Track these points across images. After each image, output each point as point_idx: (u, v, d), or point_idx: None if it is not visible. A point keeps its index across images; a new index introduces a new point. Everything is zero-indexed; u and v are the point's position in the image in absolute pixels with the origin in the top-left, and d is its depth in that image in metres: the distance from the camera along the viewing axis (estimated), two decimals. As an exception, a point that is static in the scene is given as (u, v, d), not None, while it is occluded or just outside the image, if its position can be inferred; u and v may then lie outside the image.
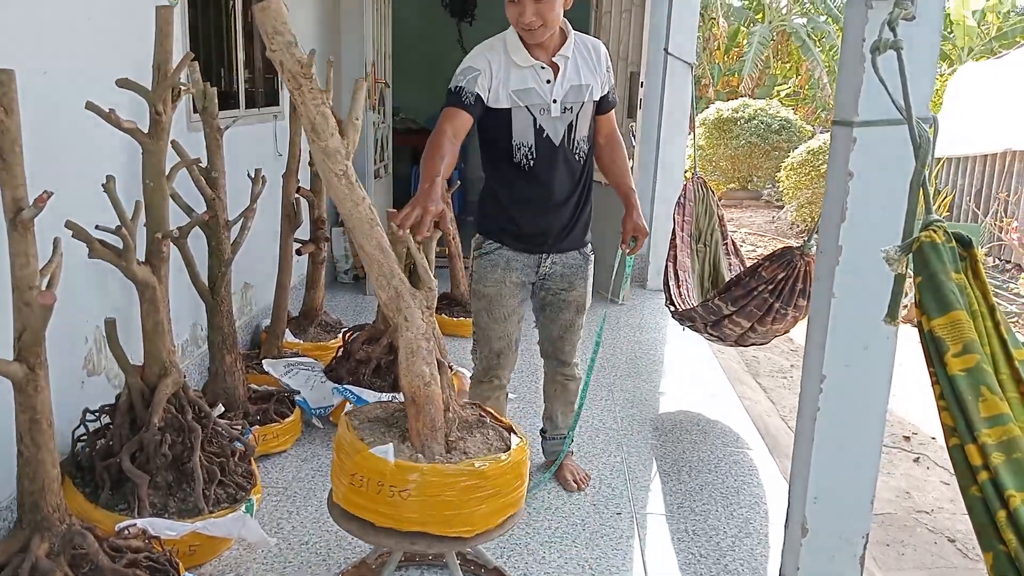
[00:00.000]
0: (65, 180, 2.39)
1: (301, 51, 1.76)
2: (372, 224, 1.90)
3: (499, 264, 2.63)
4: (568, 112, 2.51)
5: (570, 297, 2.72)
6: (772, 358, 4.97)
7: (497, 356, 2.71)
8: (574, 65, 2.51)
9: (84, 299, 2.61)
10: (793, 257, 3.01)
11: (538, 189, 2.55)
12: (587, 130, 2.58)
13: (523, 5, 2.34)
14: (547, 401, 2.99)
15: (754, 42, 14.55)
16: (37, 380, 1.86)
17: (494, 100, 2.46)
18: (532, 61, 2.46)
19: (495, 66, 2.44)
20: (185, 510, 2.36)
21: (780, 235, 9.65)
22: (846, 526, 2.19)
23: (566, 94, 2.50)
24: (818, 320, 2.11)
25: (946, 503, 3.23)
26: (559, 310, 2.74)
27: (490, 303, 2.67)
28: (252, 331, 4.11)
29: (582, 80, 2.51)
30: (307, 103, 1.80)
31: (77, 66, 2.50)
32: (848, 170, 2.00)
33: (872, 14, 1.92)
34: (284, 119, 4.40)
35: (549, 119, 2.50)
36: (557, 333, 2.79)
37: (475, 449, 2.03)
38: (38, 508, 1.92)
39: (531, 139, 2.50)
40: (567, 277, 2.69)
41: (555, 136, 2.51)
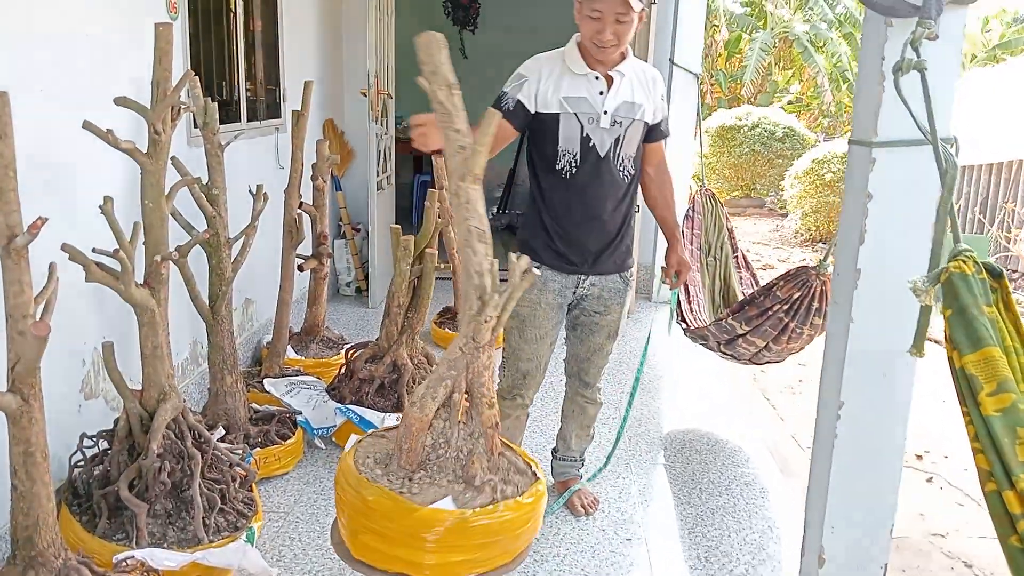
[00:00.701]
0: (61, 200, 2.35)
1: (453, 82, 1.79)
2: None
3: (535, 284, 2.57)
4: (617, 126, 2.49)
5: (604, 321, 2.68)
6: (780, 373, 4.90)
7: (524, 376, 2.68)
8: (628, 83, 2.50)
9: (81, 321, 2.56)
10: (809, 277, 2.96)
11: (579, 199, 2.52)
12: (634, 151, 2.56)
13: (604, 23, 2.34)
14: (563, 420, 2.93)
15: (755, 48, 14.51)
16: (32, 412, 1.80)
17: (543, 105, 2.45)
18: (587, 70, 2.46)
19: (546, 72, 2.46)
20: (184, 539, 2.30)
21: (785, 243, 9.59)
22: (864, 556, 2.13)
23: (617, 107, 2.48)
24: (835, 345, 2.05)
25: (962, 525, 3.17)
26: (591, 332, 2.70)
27: (523, 323, 2.62)
28: (253, 347, 4.05)
29: (635, 98, 2.50)
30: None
31: (74, 83, 2.45)
32: (867, 191, 1.94)
33: (891, 32, 1.86)
34: (286, 132, 4.35)
35: (597, 129, 2.47)
36: (585, 355, 2.75)
37: (515, 479, 1.97)
38: (32, 543, 1.86)
39: (576, 147, 2.48)
40: (604, 300, 2.65)
41: (601, 147, 2.49)
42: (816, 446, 2.14)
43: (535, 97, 2.45)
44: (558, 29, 3.72)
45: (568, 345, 2.81)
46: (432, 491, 1.86)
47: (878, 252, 1.94)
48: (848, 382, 2.01)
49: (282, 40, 4.35)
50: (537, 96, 2.45)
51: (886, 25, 1.86)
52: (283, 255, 3.61)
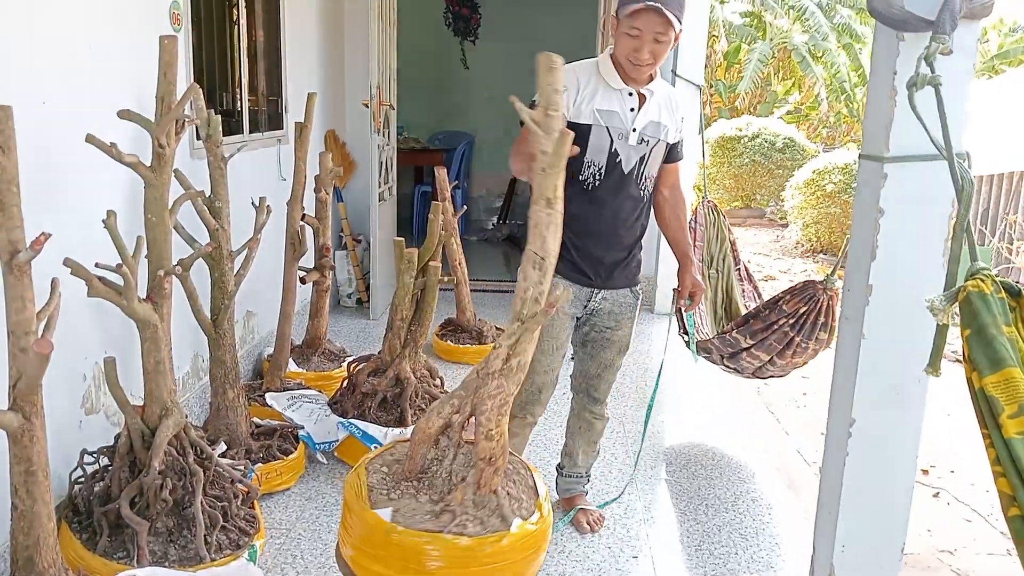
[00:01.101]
0: (64, 214, 2.32)
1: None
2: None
3: (551, 290, 2.55)
4: (644, 144, 2.49)
5: (615, 336, 2.65)
6: (783, 387, 4.87)
7: (539, 391, 2.63)
8: (656, 103, 2.50)
9: (83, 336, 2.53)
10: (816, 292, 2.94)
11: (599, 213, 2.51)
12: (655, 171, 2.57)
13: (642, 42, 2.33)
14: (569, 437, 2.88)
15: (754, 59, 14.53)
16: (33, 430, 1.78)
17: (575, 115, 2.43)
18: (623, 85, 2.45)
19: (583, 82, 2.44)
20: (186, 558, 2.27)
21: (786, 254, 9.57)
22: (875, 573, 2.11)
23: (646, 126, 2.48)
24: (846, 361, 2.03)
25: (969, 542, 3.14)
26: (601, 348, 2.67)
27: (541, 333, 2.56)
28: (254, 360, 4.02)
29: (661, 119, 2.51)
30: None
31: (77, 95, 2.43)
32: (878, 207, 1.92)
33: (903, 46, 1.84)
34: (288, 143, 4.33)
35: (625, 145, 2.47)
36: (595, 371, 2.72)
37: (523, 494, 1.96)
38: (33, 564, 1.83)
39: (603, 161, 2.47)
40: (615, 315, 2.63)
41: (627, 164, 2.49)
42: (826, 462, 2.12)
43: (570, 107, 2.43)
44: (558, 40, 3.71)
45: (577, 361, 2.77)
46: (405, 502, 1.85)
47: (890, 268, 1.93)
48: (859, 398, 1.99)
49: (284, 51, 4.34)
50: (572, 106, 2.44)
51: (898, 39, 1.85)
52: (285, 267, 3.58)
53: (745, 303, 3.95)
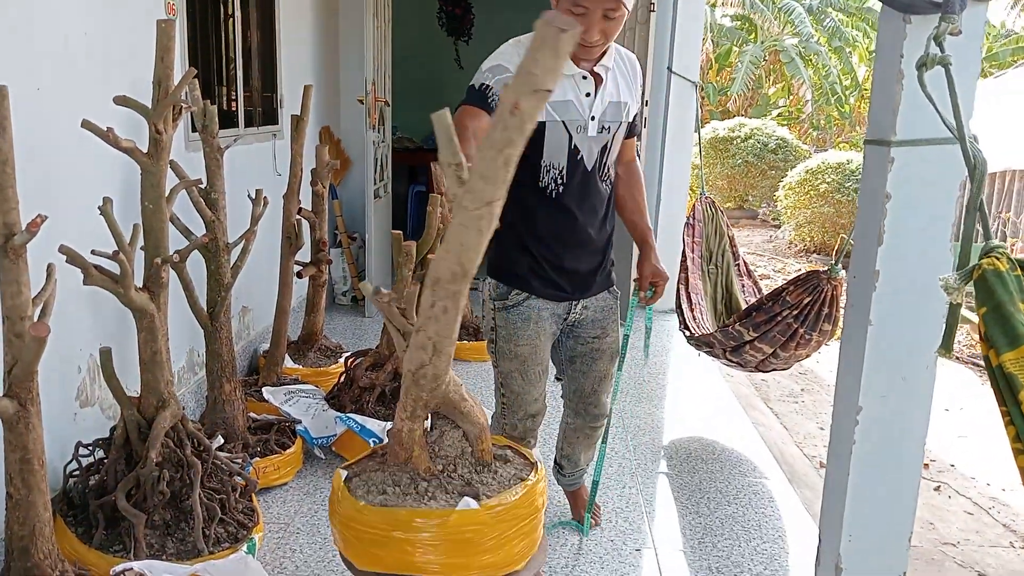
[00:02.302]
0: (58, 202, 2.29)
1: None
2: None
3: (531, 317, 2.27)
4: (605, 132, 2.18)
5: (603, 345, 2.40)
6: (781, 381, 4.87)
7: (532, 418, 2.38)
8: (614, 79, 2.18)
9: (77, 326, 2.49)
10: (819, 282, 2.92)
11: (566, 220, 2.21)
12: (615, 156, 2.28)
13: (591, 20, 2.00)
14: (567, 444, 2.64)
15: (745, 61, 14.58)
16: (28, 417, 1.74)
17: None
18: (575, 69, 2.11)
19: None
20: (184, 551, 2.23)
21: (779, 254, 9.58)
22: (883, 564, 2.09)
23: (605, 111, 2.16)
24: (853, 349, 2.01)
25: (972, 534, 3.12)
26: (592, 360, 2.41)
27: (524, 364, 2.30)
28: (250, 356, 3.98)
29: (621, 97, 2.20)
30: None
31: (72, 82, 2.39)
32: (885, 192, 1.90)
33: (910, 29, 1.83)
34: (283, 138, 4.30)
35: (585, 138, 2.16)
36: (591, 387, 2.46)
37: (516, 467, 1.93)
38: (28, 555, 1.80)
39: (563, 160, 2.16)
40: (599, 323, 2.37)
41: (589, 159, 2.19)
42: (832, 452, 2.10)
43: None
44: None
45: (568, 381, 2.51)
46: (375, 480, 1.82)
47: (897, 253, 1.91)
48: (867, 387, 1.97)
49: (279, 46, 4.31)
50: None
51: (904, 23, 1.83)
52: (282, 262, 3.55)
53: (745, 298, 3.94)
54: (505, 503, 1.76)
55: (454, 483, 1.81)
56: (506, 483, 1.94)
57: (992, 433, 4.19)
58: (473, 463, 1.88)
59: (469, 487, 1.80)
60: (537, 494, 1.84)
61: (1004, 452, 3.88)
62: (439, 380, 1.63)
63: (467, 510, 1.70)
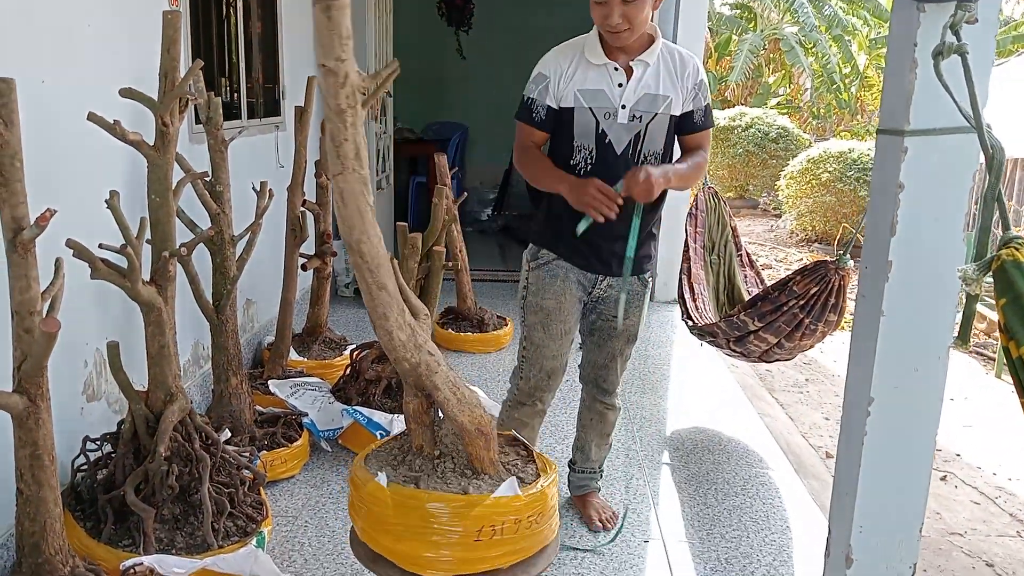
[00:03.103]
0: (64, 195, 2.27)
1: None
2: (390, 260, 1.75)
3: (559, 275, 2.44)
4: (636, 121, 2.30)
5: (623, 325, 2.49)
6: (786, 371, 4.86)
7: (548, 377, 2.51)
8: (655, 72, 2.29)
9: (83, 321, 2.48)
10: (827, 272, 2.90)
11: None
12: (660, 146, 2.36)
13: (610, 7, 2.15)
14: (581, 430, 2.75)
15: (744, 50, 14.52)
16: (39, 413, 1.73)
17: (559, 99, 2.31)
18: (606, 60, 2.27)
19: (564, 65, 2.30)
20: (193, 545, 2.23)
21: (780, 244, 9.57)
22: (894, 556, 2.08)
23: (638, 101, 2.29)
24: (865, 340, 2.00)
25: (979, 524, 3.12)
26: (608, 337, 2.54)
27: (548, 317, 2.46)
28: (255, 348, 3.97)
29: (660, 90, 2.30)
30: (358, 125, 1.62)
31: (77, 75, 2.38)
32: (899, 181, 1.89)
33: (924, 18, 1.81)
34: (286, 130, 4.28)
35: (614, 124, 2.30)
36: (603, 361, 2.59)
37: (515, 462, 1.91)
38: (39, 550, 1.79)
39: (592, 143, 2.31)
40: (623, 304, 2.45)
41: (618, 144, 2.31)
42: (843, 444, 2.09)
43: (556, 96, 2.31)
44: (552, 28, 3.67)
45: (585, 351, 2.66)
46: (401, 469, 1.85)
47: (910, 244, 1.89)
48: (878, 378, 1.96)
49: (281, 38, 4.27)
50: (554, 94, 2.31)
51: (918, 11, 1.81)
52: (286, 254, 3.53)
53: (748, 289, 3.93)
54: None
55: (441, 475, 1.82)
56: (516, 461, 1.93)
57: (998, 423, 4.19)
58: (464, 464, 1.86)
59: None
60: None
61: (1010, 441, 3.88)
62: (391, 340, 1.69)
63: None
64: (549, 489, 1.80)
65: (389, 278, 1.69)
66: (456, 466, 1.85)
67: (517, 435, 2.01)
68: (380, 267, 1.67)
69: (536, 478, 1.84)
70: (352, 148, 1.57)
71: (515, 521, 1.73)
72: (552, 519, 1.81)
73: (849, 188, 8.73)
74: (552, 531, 1.83)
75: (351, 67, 1.47)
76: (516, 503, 1.73)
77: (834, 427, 4.08)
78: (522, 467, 1.89)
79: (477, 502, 1.71)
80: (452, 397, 1.76)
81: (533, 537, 1.77)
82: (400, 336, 1.72)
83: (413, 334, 1.74)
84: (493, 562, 1.75)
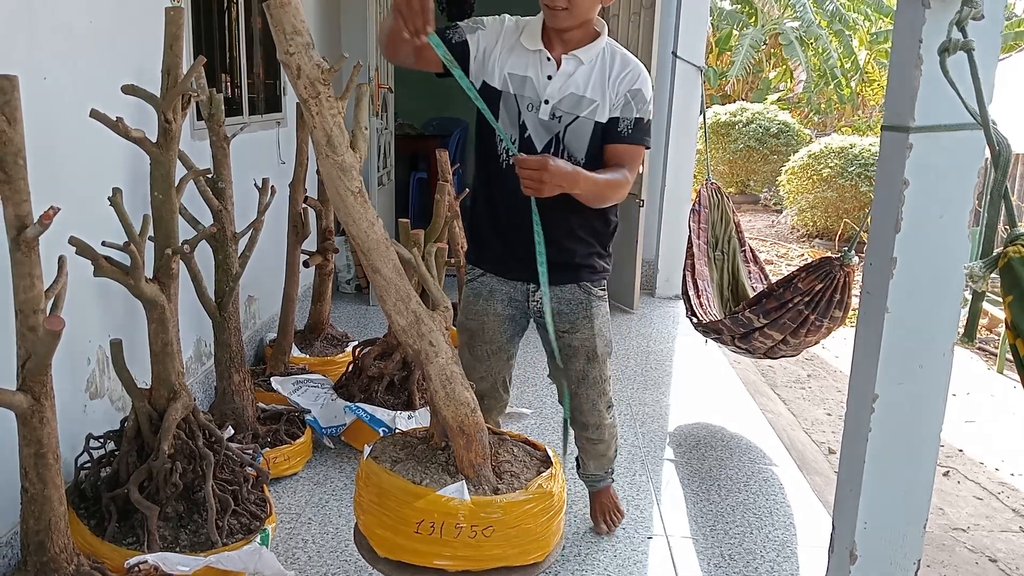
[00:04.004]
0: (66, 193, 2.26)
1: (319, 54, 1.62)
2: (388, 245, 1.76)
3: (481, 294, 2.30)
4: (556, 121, 2.10)
5: (575, 341, 2.28)
6: (788, 367, 4.87)
7: (481, 398, 2.14)
8: (587, 72, 2.09)
9: (86, 319, 2.48)
10: (832, 268, 2.90)
11: (514, 196, 2.05)
12: (582, 155, 2.13)
13: None
14: (578, 450, 2.59)
15: (744, 45, 14.48)
16: (43, 411, 1.73)
17: (489, 74, 2.11)
18: (540, 47, 2.09)
19: (503, 38, 2.11)
20: (197, 543, 2.22)
21: (781, 239, 9.57)
22: (898, 552, 2.08)
23: (562, 99, 2.09)
24: (869, 336, 1.99)
25: (982, 519, 3.13)
26: (568, 357, 2.32)
27: (472, 338, 2.34)
28: (256, 345, 3.97)
29: (586, 92, 2.08)
30: (324, 113, 1.65)
31: (79, 71, 2.37)
32: (904, 178, 1.88)
33: (929, 14, 1.80)
34: (287, 126, 4.27)
35: (535, 118, 2.11)
36: (571, 387, 2.37)
37: (522, 470, 1.91)
38: (44, 549, 1.79)
39: (515, 134, 2.13)
40: (566, 316, 2.26)
41: (537, 140, 2.12)
42: (847, 440, 2.09)
43: (483, 57, 2.09)
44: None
45: (553, 379, 2.50)
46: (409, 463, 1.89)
47: (915, 240, 1.89)
48: (883, 374, 1.96)
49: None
50: (486, 59, 2.09)
51: (923, 7, 1.81)
52: (288, 250, 3.53)
53: (752, 284, 3.93)
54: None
55: (426, 464, 1.84)
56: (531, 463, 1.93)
57: (1000, 418, 4.20)
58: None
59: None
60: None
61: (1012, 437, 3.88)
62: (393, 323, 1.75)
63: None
64: (513, 506, 1.78)
65: (384, 263, 1.70)
66: (450, 460, 1.86)
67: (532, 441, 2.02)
68: (372, 251, 1.69)
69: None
70: (322, 135, 1.61)
71: (455, 527, 1.73)
72: (515, 541, 1.78)
73: (850, 183, 8.72)
74: (512, 556, 1.79)
75: (302, 60, 1.53)
76: (459, 508, 1.73)
77: (836, 423, 4.08)
78: (520, 477, 1.88)
79: (422, 494, 1.74)
80: (441, 390, 1.78)
81: (480, 550, 1.75)
82: (400, 321, 1.74)
83: (417, 322, 1.75)
84: (429, 559, 1.76)
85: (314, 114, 1.64)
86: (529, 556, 1.84)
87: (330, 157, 1.68)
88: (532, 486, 1.84)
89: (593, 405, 2.38)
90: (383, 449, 1.93)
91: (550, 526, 1.86)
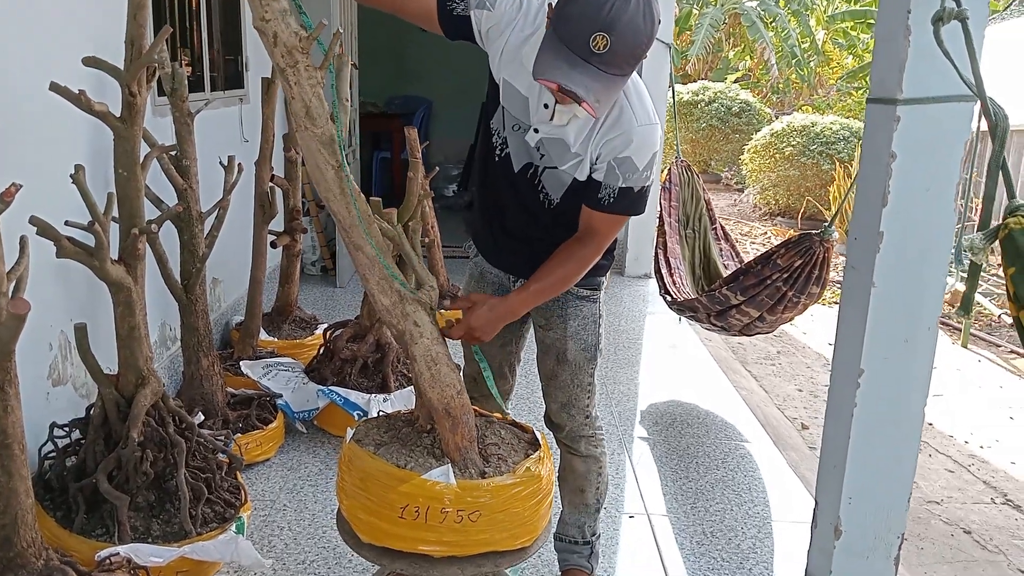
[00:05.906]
0: (26, 170, 2.15)
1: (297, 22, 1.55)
2: (370, 221, 1.70)
3: (474, 275, 2.20)
4: (538, 153, 1.88)
5: (547, 339, 2.10)
6: (758, 344, 4.89)
7: (473, 380, 2.14)
8: (579, 126, 1.79)
9: (47, 303, 2.36)
10: (812, 244, 2.89)
11: (496, 194, 2.01)
12: (558, 196, 1.93)
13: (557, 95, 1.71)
14: (558, 480, 2.22)
15: (704, 24, 14.50)
16: (7, 399, 1.64)
17: (493, 63, 1.85)
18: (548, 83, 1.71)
19: (518, 26, 1.77)
20: (170, 533, 2.15)
21: (744, 218, 9.63)
22: (882, 526, 2.09)
23: (550, 140, 1.84)
24: (854, 312, 1.98)
25: (954, 492, 3.17)
26: (542, 352, 2.15)
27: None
28: (222, 329, 3.86)
29: (574, 145, 1.82)
30: (302, 83, 1.58)
31: (38, 43, 2.25)
32: (890, 151, 1.86)
33: (917, -17, 1.78)
34: (250, 103, 4.15)
35: (519, 139, 1.89)
36: (543, 387, 2.18)
37: (510, 453, 1.86)
38: (11, 544, 1.71)
39: (504, 132, 1.93)
40: (542, 312, 2.07)
41: (516, 161, 1.93)
42: (831, 416, 2.08)
43: (485, 41, 1.82)
44: None
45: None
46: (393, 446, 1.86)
47: (901, 214, 1.88)
48: (868, 349, 1.95)
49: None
50: (488, 45, 1.82)
51: (911, -24, 1.78)
52: (255, 231, 3.43)
53: (723, 262, 3.92)
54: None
55: (410, 448, 1.81)
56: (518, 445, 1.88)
57: (967, 391, 4.26)
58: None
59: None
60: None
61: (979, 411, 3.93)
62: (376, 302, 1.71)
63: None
64: (500, 490, 1.73)
65: (364, 241, 1.64)
66: (435, 443, 1.81)
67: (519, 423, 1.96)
68: (353, 228, 1.64)
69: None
70: (301, 106, 1.56)
71: (441, 511, 1.69)
72: (502, 525, 1.74)
73: (812, 162, 8.79)
74: (499, 541, 1.75)
75: (279, 27, 1.47)
76: (445, 492, 1.69)
77: (808, 399, 4.11)
78: (508, 460, 1.83)
79: (406, 478, 1.69)
80: (426, 371, 1.73)
81: (466, 535, 1.71)
82: (383, 301, 1.69)
83: (400, 302, 1.69)
84: (413, 544, 1.72)
85: (292, 84, 1.57)
86: (517, 541, 1.80)
87: (309, 129, 1.62)
88: (520, 469, 1.79)
89: (562, 407, 2.14)
90: (366, 432, 1.87)
91: (538, 510, 1.82)
